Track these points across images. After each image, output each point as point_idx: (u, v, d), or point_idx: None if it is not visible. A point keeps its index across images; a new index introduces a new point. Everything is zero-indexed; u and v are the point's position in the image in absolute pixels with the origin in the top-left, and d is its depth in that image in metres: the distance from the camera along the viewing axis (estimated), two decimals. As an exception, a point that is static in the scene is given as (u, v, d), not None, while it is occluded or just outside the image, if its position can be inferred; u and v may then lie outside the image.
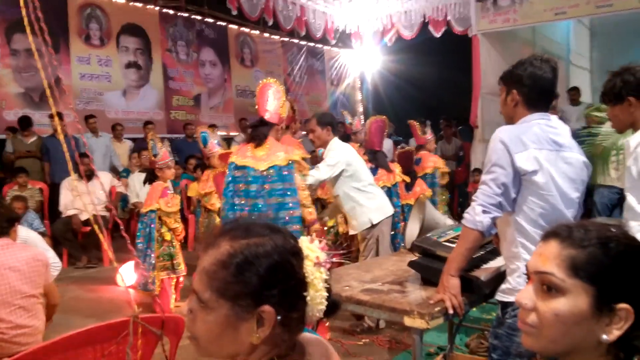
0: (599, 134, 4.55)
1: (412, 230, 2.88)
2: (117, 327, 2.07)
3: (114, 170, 7.50)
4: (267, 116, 3.73)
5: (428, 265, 2.42)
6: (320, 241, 1.04)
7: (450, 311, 2.10)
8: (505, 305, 2.10)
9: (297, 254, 1.01)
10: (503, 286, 2.14)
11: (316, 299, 0.99)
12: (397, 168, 5.05)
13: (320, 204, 5.91)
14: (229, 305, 0.97)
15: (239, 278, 0.97)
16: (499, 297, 2.14)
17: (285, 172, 3.61)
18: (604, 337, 0.93)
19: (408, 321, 2.08)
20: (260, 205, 3.55)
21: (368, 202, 4.13)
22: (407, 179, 5.19)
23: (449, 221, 3.03)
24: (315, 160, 6.79)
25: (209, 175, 5.21)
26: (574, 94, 8.41)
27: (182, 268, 4.63)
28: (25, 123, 6.84)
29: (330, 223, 5.82)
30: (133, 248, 2.87)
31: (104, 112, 8.19)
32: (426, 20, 9.57)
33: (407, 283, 2.48)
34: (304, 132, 9.86)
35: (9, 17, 7.04)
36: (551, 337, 0.97)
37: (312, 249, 1.02)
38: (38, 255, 3.11)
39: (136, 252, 4.14)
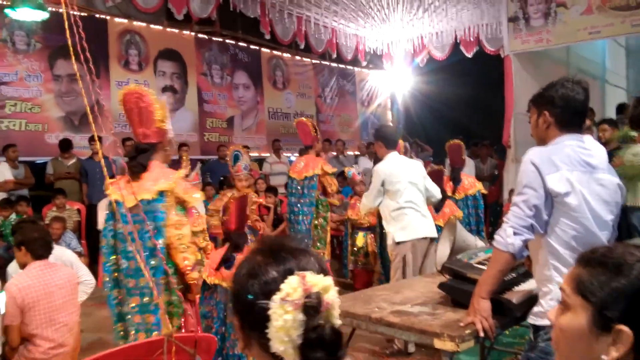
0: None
1: (443, 251, 2.87)
2: (152, 346, 2.12)
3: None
4: (141, 135, 2.99)
5: (458, 288, 2.41)
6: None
7: (481, 334, 2.08)
8: (537, 328, 2.07)
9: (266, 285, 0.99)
10: (535, 309, 2.11)
11: (280, 337, 0.94)
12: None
13: (351, 225, 5.92)
14: None
15: None
16: (531, 320, 2.11)
17: (156, 208, 2.83)
18: (603, 357, 0.93)
19: (438, 344, 2.08)
20: (129, 252, 2.82)
21: (396, 221, 4.14)
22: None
23: (480, 242, 3.01)
24: (345, 181, 6.83)
25: (225, 194, 4.97)
26: (589, 114, 8.24)
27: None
28: (65, 145, 7.09)
29: (360, 244, 5.83)
30: (167, 267, 2.95)
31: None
32: (457, 41, 9.58)
33: (438, 305, 2.47)
34: (333, 153, 9.95)
35: (52, 44, 7.35)
36: (562, 352, 1.00)
37: (293, 286, 0.95)
38: (74, 274, 3.26)
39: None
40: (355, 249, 5.86)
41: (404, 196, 4.14)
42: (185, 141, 8.57)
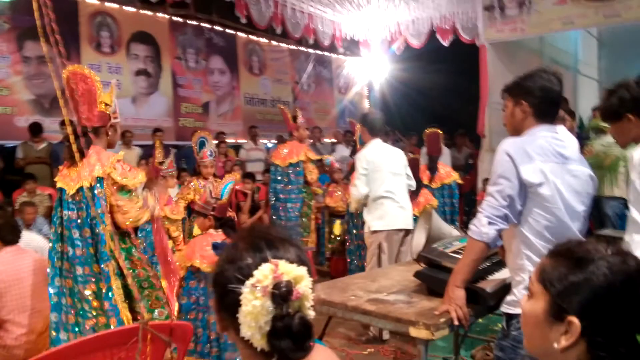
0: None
1: (418, 240, 2.89)
2: (127, 334, 2.10)
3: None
4: (82, 119, 2.89)
5: (434, 276, 2.44)
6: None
7: (456, 322, 2.11)
8: (510, 317, 2.11)
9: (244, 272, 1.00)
10: (508, 298, 2.15)
11: (248, 322, 0.96)
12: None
13: (328, 212, 5.94)
14: None
15: None
16: (504, 309, 2.15)
17: (94, 194, 2.76)
18: (555, 344, 0.98)
19: (413, 332, 2.10)
20: (75, 239, 2.78)
21: (373, 210, 4.16)
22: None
23: (455, 232, 3.05)
24: (322, 167, 6.83)
25: (190, 182, 4.83)
26: (564, 104, 8.38)
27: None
28: (35, 129, 6.91)
29: (337, 231, 5.86)
30: (142, 255, 2.92)
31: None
32: (434, 29, 9.61)
33: (413, 293, 2.49)
34: (310, 140, 9.93)
35: (20, 25, 7.13)
36: (525, 336, 1.07)
37: (264, 273, 0.97)
38: (45, 260, 3.19)
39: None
40: (332, 236, 5.89)
41: (384, 185, 4.15)
42: (160, 126, 8.45)
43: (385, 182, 4.15)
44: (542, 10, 7.85)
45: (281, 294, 0.95)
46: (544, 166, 2.07)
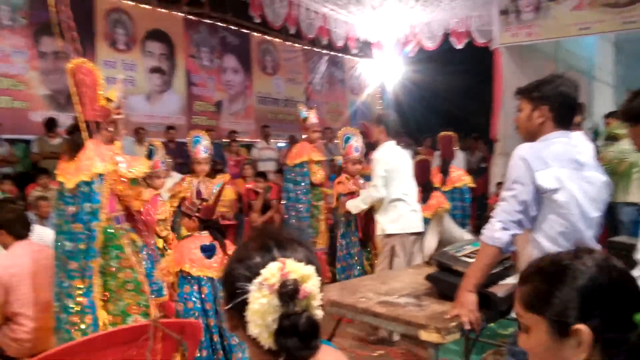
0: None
1: (430, 243, 2.89)
2: (138, 331, 2.12)
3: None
4: (85, 115, 2.88)
5: (445, 280, 2.43)
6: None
7: (467, 327, 2.10)
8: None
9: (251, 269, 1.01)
10: (520, 303, 2.14)
11: (256, 320, 0.97)
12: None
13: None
14: None
15: None
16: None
17: (93, 189, 2.76)
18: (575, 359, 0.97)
19: (424, 335, 2.09)
20: (72, 233, 2.78)
21: (387, 212, 4.16)
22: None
23: (467, 235, 3.03)
24: (333, 168, 6.82)
25: (184, 179, 4.62)
26: (581, 110, 8.29)
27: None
28: (51, 125, 6.98)
29: None
30: (137, 254, 2.95)
31: (127, 115, 8.31)
32: (448, 32, 9.57)
33: (424, 297, 2.48)
34: (322, 141, 9.92)
35: (37, 21, 7.20)
36: None
37: (272, 272, 0.98)
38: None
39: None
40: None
41: (400, 188, 4.14)
42: (173, 124, 8.50)
43: (401, 184, 4.15)
44: (558, 15, 7.80)
45: (288, 292, 0.96)
46: (559, 172, 2.06)
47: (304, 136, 5.75)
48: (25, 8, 7.20)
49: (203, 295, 3.11)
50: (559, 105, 2.15)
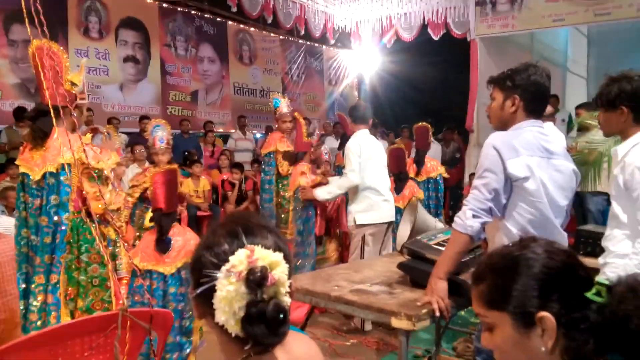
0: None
1: (403, 232, 2.90)
2: (106, 320, 2.08)
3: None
4: (45, 96, 2.67)
5: (417, 268, 2.44)
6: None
7: (437, 314, 2.12)
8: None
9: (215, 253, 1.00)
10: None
11: (223, 307, 0.95)
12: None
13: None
14: None
15: None
16: (486, 301, 2.16)
17: (60, 180, 2.67)
18: (542, 349, 0.98)
19: (395, 322, 2.10)
20: (39, 226, 2.67)
21: (359, 202, 4.17)
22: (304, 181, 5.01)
23: (440, 224, 3.05)
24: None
25: (147, 169, 4.51)
26: (554, 101, 8.37)
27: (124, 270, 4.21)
28: (20, 114, 6.80)
29: None
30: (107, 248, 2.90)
31: (100, 105, 8.17)
32: (425, 23, 9.60)
33: (396, 285, 2.49)
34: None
35: (7, 8, 7.01)
36: None
37: (240, 259, 0.96)
38: None
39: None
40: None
41: (371, 177, 4.15)
42: (147, 114, 8.37)
43: (372, 173, 4.16)
44: (533, 6, 7.87)
45: (255, 279, 0.95)
46: (530, 160, 2.08)
47: (275, 126, 5.71)
48: (-6, -6, 7.01)
49: (151, 290, 3.06)
50: (531, 94, 2.17)
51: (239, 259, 0.96)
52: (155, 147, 4.33)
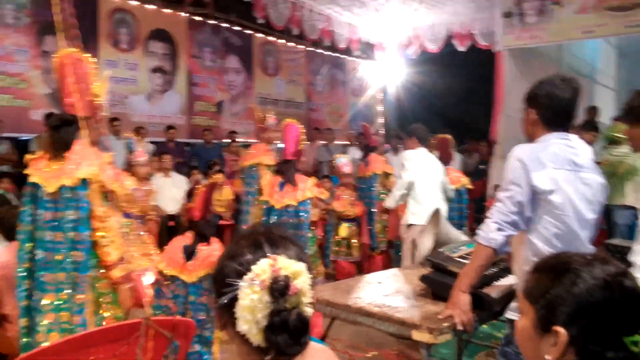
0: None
1: (426, 244, 2.87)
2: (130, 328, 2.10)
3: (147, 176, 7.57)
4: (69, 105, 2.62)
5: (439, 280, 2.41)
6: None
7: (459, 327, 2.09)
8: (514, 324, 2.08)
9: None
10: (513, 304, 2.12)
11: (245, 316, 0.96)
12: (309, 181, 4.41)
13: (336, 215, 5.89)
14: None
15: None
16: (509, 315, 2.12)
17: (79, 196, 2.52)
18: (547, 357, 0.99)
19: (416, 335, 2.08)
20: (47, 242, 2.52)
21: (412, 206, 4.42)
22: (325, 195, 4.97)
23: (463, 236, 3.02)
24: (332, 169, 6.81)
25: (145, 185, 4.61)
26: (592, 113, 8.24)
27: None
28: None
29: (343, 234, 5.82)
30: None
31: (128, 115, 8.33)
32: (451, 34, 9.57)
33: (418, 297, 2.47)
34: (323, 142, 9.89)
35: (41, 19, 7.22)
36: (521, 351, 1.10)
37: (263, 268, 0.97)
38: None
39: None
40: (338, 239, 5.85)
41: (420, 184, 4.49)
42: (173, 124, 8.50)
43: (421, 182, 4.50)
44: (562, 18, 7.78)
45: (278, 288, 0.96)
46: (556, 173, 2.04)
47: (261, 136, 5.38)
48: (29, 7, 7.22)
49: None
50: (547, 107, 2.13)
51: (262, 268, 0.98)
52: (139, 159, 4.41)
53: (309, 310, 1.01)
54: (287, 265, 0.99)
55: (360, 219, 5.88)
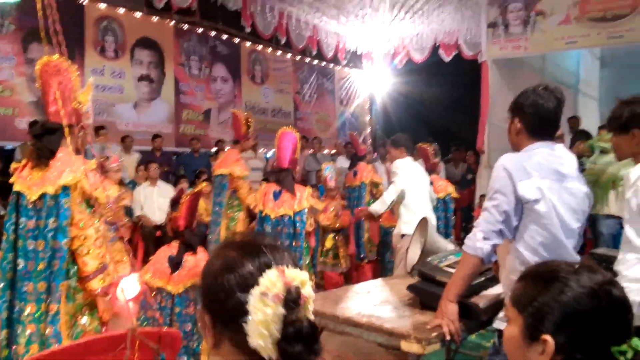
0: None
1: (413, 253, 2.88)
2: (115, 340, 2.07)
3: (120, 182, 7.53)
4: (52, 113, 2.61)
5: (427, 290, 2.42)
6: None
7: (447, 337, 2.10)
8: (502, 333, 2.09)
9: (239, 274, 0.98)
10: (501, 314, 2.13)
11: (260, 331, 0.94)
12: (306, 191, 4.27)
13: (322, 230, 5.86)
14: None
15: None
16: (497, 324, 2.13)
17: (60, 203, 2.48)
18: None
19: (405, 346, 2.08)
20: (29, 251, 2.48)
21: (405, 215, 4.39)
22: (320, 206, 4.99)
23: (451, 246, 3.03)
24: (319, 178, 6.82)
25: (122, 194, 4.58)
26: (574, 122, 8.31)
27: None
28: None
29: (329, 245, 5.81)
30: (135, 260, 2.87)
31: (114, 123, 8.27)
32: (437, 44, 9.66)
33: (406, 307, 2.47)
34: (310, 150, 9.91)
35: (26, 26, 7.16)
36: (509, 358, 1.10)
37: (272, 280, 0.95)
38: None
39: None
40: (323, 249, 5.84)
41: (412, 193, 4.48)
42: (160, 132, 8.46)
43: (414, 191, 4.51)
44: (546, 29, 7.89)
45: (293, 299, 0.94)
46: (541, 182, 2.06)
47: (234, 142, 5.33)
48: (14, 14, 7.16)
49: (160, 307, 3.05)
50: (531, 116, 2.15)
51: (272, 281, 0.95)
52: (111, 165, 4.25)
53: (313, 317, 0.99)
54: (295, 275, 0.97)
55: (347, 229, 5.88)
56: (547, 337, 0.98)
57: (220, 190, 4.97)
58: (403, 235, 4.33)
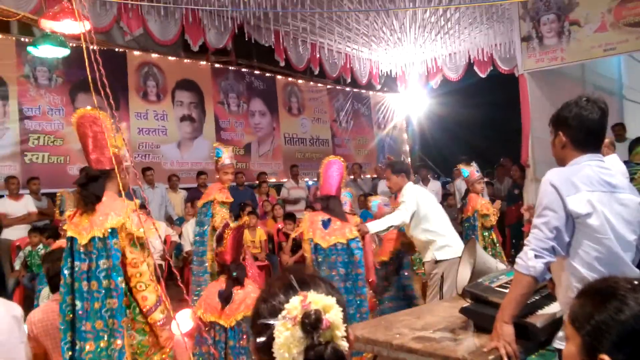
0: None
1: (463, 275, 2.83)
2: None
3: (169, 220, 7.73)
4: (94, 161, 2.76)
5: (480, 312, 2.37)
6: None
7: (505, 359, 2.05)
8: (562, 353, 2.03)
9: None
10: (560, 333, 2.07)
11: (282, 354, 0.97)
12: (352, 220, 4.22)
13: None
14: None
15: None
16: (557, 344, 2.07)
17: (109, 245, 2.60)
18: None
19: (462, 370, 2.04)
20: (84, 291, 2.62)
21: (435, 241, 4.22)
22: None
23: (501, 265, 2.97)
24: (361, 204, 6.81)
25: None
26: (619, 129, 8.05)
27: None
28: (86, 176, 7.19)
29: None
30: (188, 297, 2.92)
31: (160, 163, 8.54)
32: (471, 62, 9.62)
33: (460, 330, 2.43)
34: (351, 176, 9.93)
35: (73, 79, 7.55)
36: None
37: (294, 304, 0.99)
38: None
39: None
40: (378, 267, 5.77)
41: (435, 218, 4.35)
42: (204, 169, 8.67)
43: (436, 216, 4.38)
44: (581, 38, 7.75)
45: (310, 322, 0.97)
46: (591, 196, 2.01)
47: (216, 177, 5.35)
48: (61, 67, 7.56)
49: (214, 342, 3.07)
50: (575, 129, 2.12)
51: (294, 305, 0.99)
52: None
53: (344, 344, 1.01)
54: (317, 299, 1.00)
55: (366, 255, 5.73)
56: (605, 357, 0.96)
57: (204, 219, 5.06)
58: (437, 262, 4.17)
